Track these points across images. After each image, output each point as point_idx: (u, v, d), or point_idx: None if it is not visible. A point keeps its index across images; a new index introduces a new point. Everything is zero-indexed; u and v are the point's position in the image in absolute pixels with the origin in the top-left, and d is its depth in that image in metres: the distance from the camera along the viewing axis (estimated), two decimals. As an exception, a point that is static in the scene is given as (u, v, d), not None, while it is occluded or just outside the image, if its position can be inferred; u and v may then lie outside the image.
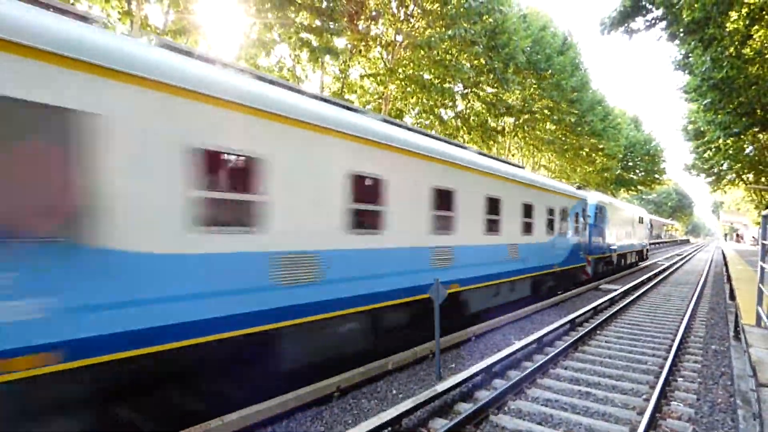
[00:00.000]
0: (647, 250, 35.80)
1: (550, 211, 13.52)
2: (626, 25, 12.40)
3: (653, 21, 12.41)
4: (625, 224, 25.73)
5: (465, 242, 9.12)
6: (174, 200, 4.37)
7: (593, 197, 19.49)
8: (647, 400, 5.94)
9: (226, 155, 4.91)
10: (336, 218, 6.18)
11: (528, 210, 11.98)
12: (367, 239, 6.68)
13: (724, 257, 25.96)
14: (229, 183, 5.06)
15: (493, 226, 10.19)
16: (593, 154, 41.59)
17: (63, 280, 3.64)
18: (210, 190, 4.67)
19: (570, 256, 15.39)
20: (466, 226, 9.17)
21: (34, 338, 3.47)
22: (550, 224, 13.58)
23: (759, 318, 7.21)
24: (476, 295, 9.72)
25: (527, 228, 11.96)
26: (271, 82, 6.01)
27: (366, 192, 6.71)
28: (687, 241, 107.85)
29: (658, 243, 66.34)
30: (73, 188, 3.69)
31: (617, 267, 24.06)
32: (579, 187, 19.31)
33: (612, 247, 22.21)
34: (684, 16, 11.89)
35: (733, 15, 13.33)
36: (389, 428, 4.79)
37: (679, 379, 7.02)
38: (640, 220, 32.03)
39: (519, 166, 13.82)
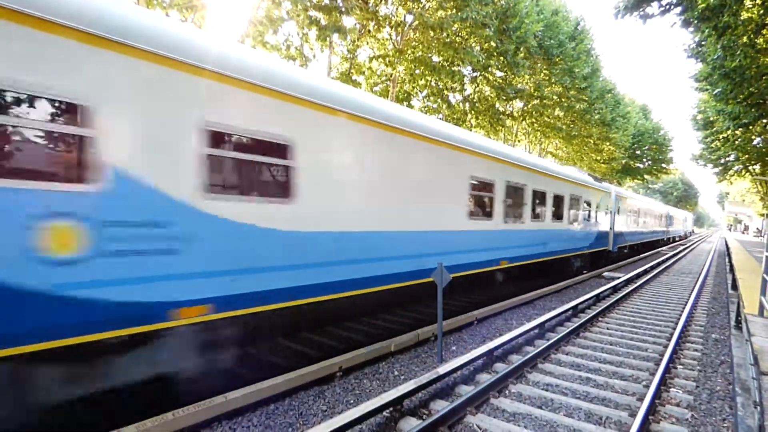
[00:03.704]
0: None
1: None
2: (641, 9, 12.16)
3: (668, 6, 12.16)
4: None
5: None
6: None
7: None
8: (647, 386, 6.00)
9: None
10: None
11: None
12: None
13: (728, 247, 25.94)
14: None
15: None
16: (601, 143, 41.22)
17: None
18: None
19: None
20: None
21: None
22: None
23: (762, 308, 7.24)
24: None
25: None
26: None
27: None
28: (691, 231, 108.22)
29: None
30: None
31: None
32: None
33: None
34: (699, 2, 11.67)
35: (748, 3, 13.07)
36: (390, 409, 4.85)
37: (679, 367, 7.07)
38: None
39: None
